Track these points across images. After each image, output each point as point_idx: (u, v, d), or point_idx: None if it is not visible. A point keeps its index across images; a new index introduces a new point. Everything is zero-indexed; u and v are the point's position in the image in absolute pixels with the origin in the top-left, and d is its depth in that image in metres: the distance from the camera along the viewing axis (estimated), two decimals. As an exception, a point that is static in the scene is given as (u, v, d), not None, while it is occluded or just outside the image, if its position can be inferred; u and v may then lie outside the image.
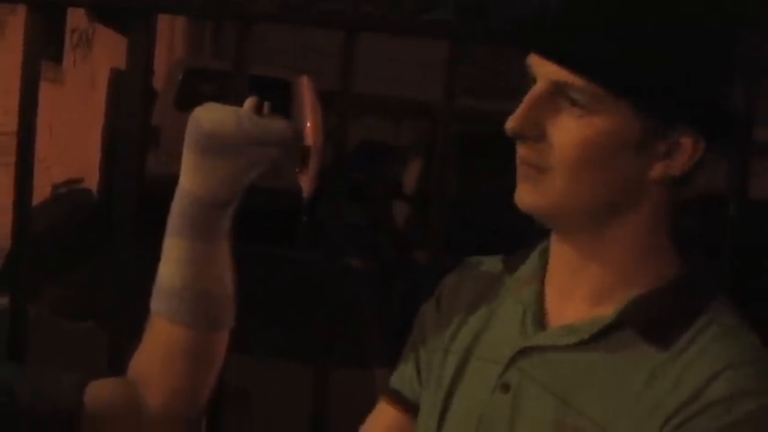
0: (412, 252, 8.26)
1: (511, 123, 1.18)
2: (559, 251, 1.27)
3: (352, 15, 2.09)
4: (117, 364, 2.06)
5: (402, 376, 1.41)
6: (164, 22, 14.95)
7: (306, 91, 12.81)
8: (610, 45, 1.13)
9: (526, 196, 1.21)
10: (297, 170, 1.39)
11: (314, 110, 13.05)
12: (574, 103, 1.16)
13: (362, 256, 11.76)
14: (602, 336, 1.20)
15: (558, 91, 1.17)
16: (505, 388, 1.24)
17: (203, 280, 1.36)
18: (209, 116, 1.34)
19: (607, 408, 1.17)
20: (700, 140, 1.18)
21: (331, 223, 2.27)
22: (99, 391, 1.39)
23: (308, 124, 12.41)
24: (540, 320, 1.26)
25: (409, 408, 1.38)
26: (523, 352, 1.25)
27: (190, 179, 1.35)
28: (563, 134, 1.17)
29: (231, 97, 1.98)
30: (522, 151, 1.20)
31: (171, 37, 17.12)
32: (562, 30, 1.16)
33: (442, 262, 2.09)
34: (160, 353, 1.38)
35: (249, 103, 1.36)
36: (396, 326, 1.44)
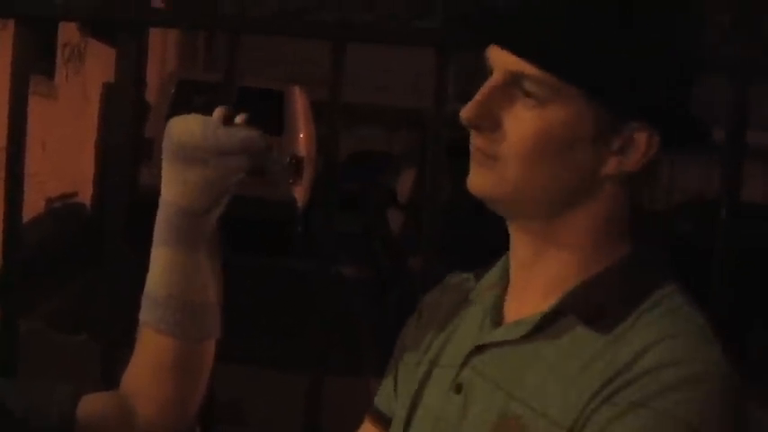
0: (406, 260, 8.26)
1: (466, 113, 1.18)
2: (514, 246, 1.25)
3: (340, 26, 2.09)
4: (110, 376, 2.06)
5: (382, 395, 1.41)
6: (156, 35, 14.96)
7: (298, 102, 12.83)
8: (565, 36, 1.14)
9: (478, 181, 1.20)
10: (290, 181, 1.39)
11: (307, 120, 13.07)
12: (528, 94, 1.16)
13: (357, 264, 11.78)
14: (545, 325, 1.19)
15: (513, 81, 1.16)
16: (458, 388, 1.24)
17: (187, 289, 1.36)
18: (179, 126, 1.35)
19: (547, 395, 1.15)
20: (654, 137, 1.17)
21: (323, 232, 2.27)
22: (92, 405, 1.39)
23: (301, 135, 12.43)
24: (497, 320, 1.25)
25: (387, 425, 1.38)
26: (476, 351, 1.24)
27: (167, 189, 1.36)
28: (517, 125, 1.16)
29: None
30: (476, 140, 1.19)
31: (163, 50, 17.14)
32: (517, 20, 1.17)
33: (435, 269, 2.09)
34: (148, 364, 1.38)
35: (218, 112, 1.36)
36: (390, 334, 1.45)
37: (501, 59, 1.17)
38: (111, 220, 2.17)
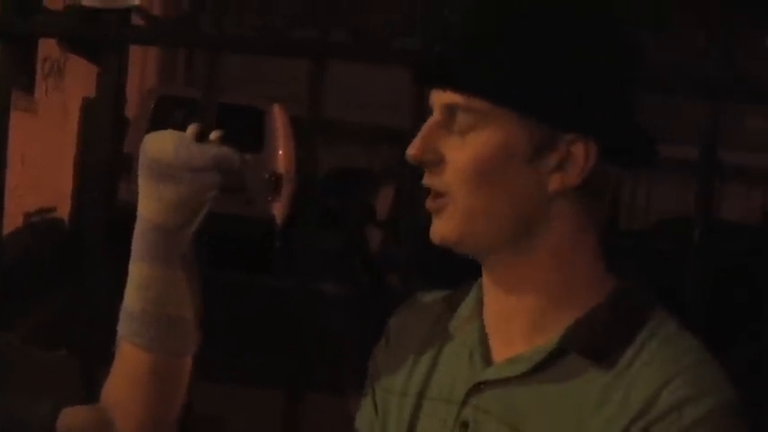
0: (386, 277, 8.26)
1: (410, 151, 1.22)
2: (488, 284, 1.27)
3: (319, 44, 2.11)
4: (90, 390, 2.06)
5: (363, 418, 1.40)
6: (136, 51, 14.94)
7: (278, 119, 12.83)
8: (486, 60, 1.18)
9: (435, 230, 1.23)
10: (269, 198, 1.40)
11: (286, 138, 13.06)
12: (463, 123, 1.20)
13: (336, 281, 11.76)
14: (546, 363, 1.21)
15: (449, 115, 1.21)
16: (464, 426, 1.25)
17: (163, 304, 1.37)
18: (154, 143, 1.36)
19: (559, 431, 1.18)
20: (591, 147, 1.19)
21: (301, 249, 2.28)
22: (72, 418, 1.40)
23: (280, 152, 12.42)
24: (486, 355, 1.26)
25: None
26: (475, 388, 1.25)
27: (143, 205, 1.37)
28: (455, 154, 1.20)
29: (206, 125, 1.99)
30: (426, 180, 1.23)
31: (143, 65, 17.11)
32: (443, 58, 1.23)
33: (413, 286, 2.10)
34: (125, 377, 1.39)
35: (191, 129, 1.37)
36: (370, 351, 1.46)
37: (437, 97, 1.22)
38: (89, 235, 2.18)
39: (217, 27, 2.13)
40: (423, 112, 2.19)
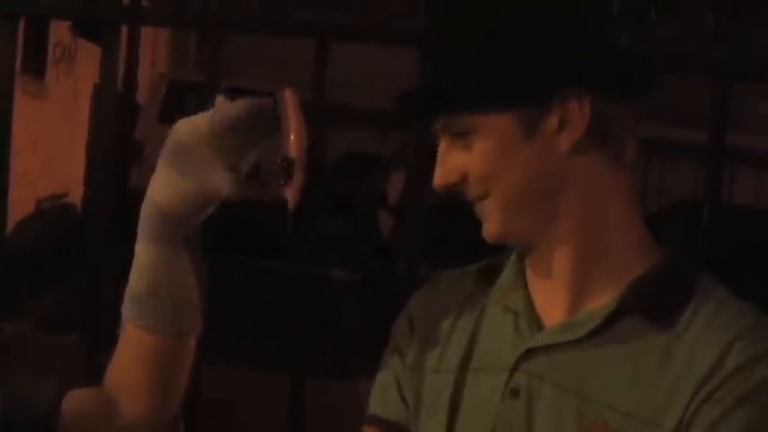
0: (397, 263, 8.27)
1: (436, 182, 1.29)
2: (531, 256, 1.29)
3: (323, 24, 2.10)
4: (96, 373, 2.06)
5: (385, 401, 1.39)
6: (147, 36, 14.95)
7: (289, 103, 12.83)
8: (455, 74, 1.24)
9: (486, 232, 1.28)
10: (281, 182, 1.40)
11: (298, 123, 13.06)
12: (461, 135, 1.25)
13: (348, 267, 11.77)
14: (604, 327, 1.22)
15: (452, 135, 1.26)
16: (515, 393, 1.25)
17: (167, 285, 1.37)
18: (185, 127, 1.35)
19: (627, 395, 1.19)
20: (582, 95, 1.20)
21: (311, 234, 2.28)
22: (76, 400, 1.41)
23: (292, 137, 12.43)
24: (536, 322, 1.27)
25: None
26: (527, 355, 1.25)
27: (156, 188, 1.36)
28: (469, 165, 1.25)
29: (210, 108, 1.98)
30: (467, 197, 1.28)
31: (154, 50, 17.12)
32: (425, 88, 1.32)
33: (418, 270, 2.10)
34: (129, 358, 1.39)
35: (219, 98, 1.36)
36: (380, 337, 1.46)
37: (438, 127, 1.28)
38: (95, 218, 2.18)
39: (221, 7, 2.12)
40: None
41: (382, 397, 1.39)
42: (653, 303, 1.21)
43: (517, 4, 1.22)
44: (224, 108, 1.33)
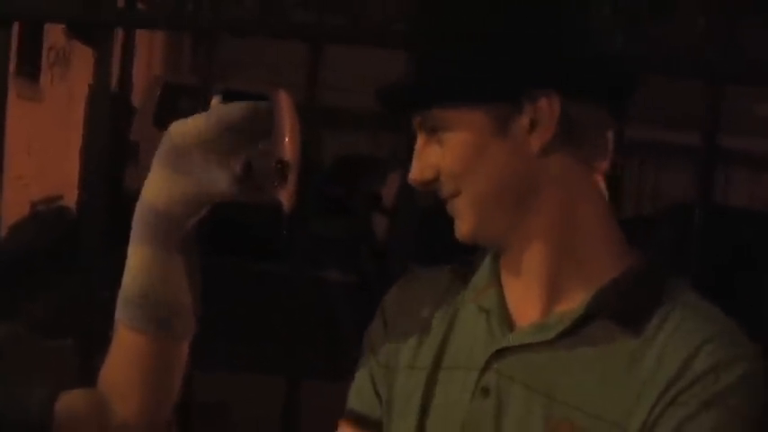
0: (392, 265, 8.26)
1: (412, 177, 1.30)
2: (504, 256, 1.30)
3: (317, 27, 2.10)
4: (89, 376, 2.06)
5: (360, 396, 1.40)
6: (142, 39, 14.96)
7: (284, 106, 12.83)
8: (428, 70, 1.26)
9: (457, 230, 1.29)
10: (276, 184, 1.40)
11: (292, 124, 13.02)
12: (434, 131, 1.27)
13: (342, 269, 11.77)
14: (574, 329, 1.23)
15: (428, 131, 1.28)
16: (485, 392, 1.25)
17: (161, 288, 1.37)
18: (181, 127, 1.35)
19: (594, 397, 1.19)
20: (551, 95, 1.21)
21: (305, 236, 2.28)
22: (69, 402, 1.41)
23: (286, 139, 12.39)
24: (507, 322, 1.28)
25: (372, 427, 1.37)
26: (498, 354, 1.26)
27: (150, 189, 1.36)
28: (443, 161, 1.26)
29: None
30: (440, 194, 1.29)
31: (150, 53, 17.12)
32: (401, 85, 1.32)
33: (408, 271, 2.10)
34: (122, 361, 1.39)
35: (215, 100, 1.37)
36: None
37: (414, 122, 1.30)
38: (89, 223, 2.18)
39: (214, 10, 2.12)
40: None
41: (358, 392, 1.40)
42: (622, 308, 1.22)
43: (490, 5, 1.23)
44: (219, 110, 1.34)
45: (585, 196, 1.25)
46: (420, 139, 1.29)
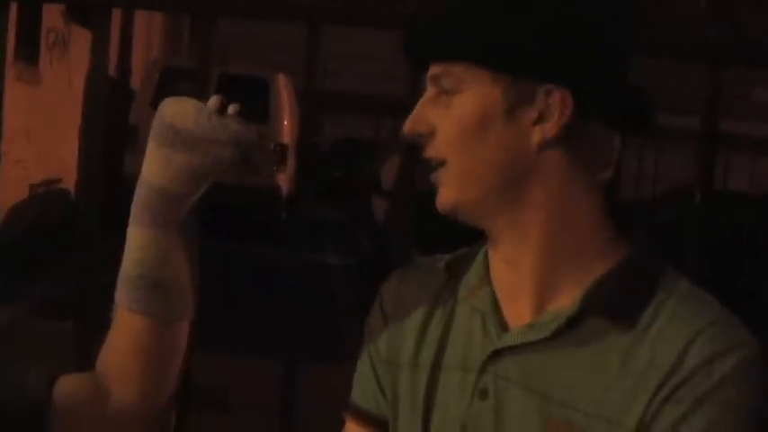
0: (391, 248, 8.26)
1: (405, 126, 1.28)
2: (493, 250, 1.29)
3: (316, 8, 2.09)
4: (88, 360, 2.06)
5: (365, 392, 1.39)
6: (141, 22, 14.93)
7: (283, 89, 12.82)
8: (456, 25, 1.24)
9: (439, 199, 1.27)
10: (274, 168, 1.40)
11: (291, 108, 13.05)
12: (446, 91, 1.25)
13: (342, 252, 11.78)
14: (567, 327, 1.22)
15: (438, 87, 1.26)
16: (483, 394, 1.25)
17: (160, 270, 1.37)
18: (173, 109, 1.35)
19: (590, 395, 1.19)
20: (567, 97, 1.21)
21: (299, 218, 2.28)
22: (68, 385, 1.40)
23: (286, 123, 12.42)
24: (501, 322, 1.27)
25: (377, 423, 1.37)
26: (494, 356, 1.25)
27: (150, 169, 1.36)
28: (442, 121, 1.25)
29: (203, 95, 1.99)
30: (425, 153, 1.28)
31: (148, 37, 17.09)
32: (422, 32, 1.30)
33: (411, 255, 2.10)
34: (121, 343, 1.39)
35: (213, 101, 1.37)
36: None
37: (428, 74, 1.28)
38: (87, 206, 2.17)
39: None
40: (417, 79, 2.19)
41: (362, 387, 1.40)
42: (614, 304, 1.21)
43: None
44: (212, 120, 1.34)
45: (579, 196, 1.24)
46: (428, 93, 1.28)
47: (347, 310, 8.60)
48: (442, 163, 1.25)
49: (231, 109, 1.36)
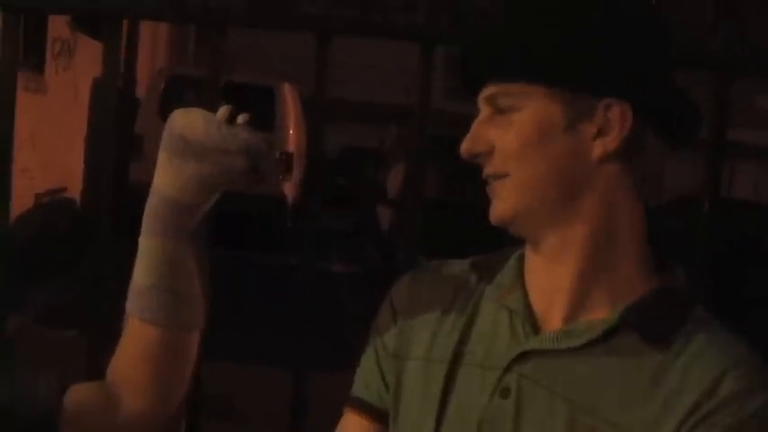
0: (396, 256, 8.26)
1: (463, 146, 1.31)
2: (533, 256, 1.31)
3: (324, 18, 2.10)
4: (96, 369, 2.07)
5: (367, 385, 1.41)
6: (146, 31, 14.93)
7: (289, 98, 12.81)
8: (513, 43, 1.27)
9: (494, 210, 1.29)
10: (280, 177, 1.41)
11: (297, 116, 13.04)
12: (503, 110, 1.28)
13: (347, 261, 11.76)
14: (602, 339, 1.25)
15: (493, 107, 1.29)
16: (505, 392, 1.27)
17: (171, 279, 1.38)
18: (183, 119, 1.36)
19: (619, 407, 1.21)
20: (626, 110, 1.24)
21: (307, 228, 2.28)
22: (78, 394, 1.41)
23: (291, 131, 12.41)
24: (533, 325, 1.29)
25: (378, 416, 1.39)
26: (521, 357, 1.27)
27: (161, 179, 1.37)
28: (501, 139, 1.28)
29: (210, 104, 1.99)
30: (485, 170, 1.30)
31: (153, 45, 17.11)
32: (478, 54, 1.32)
33: (417, 264, 2.10)
34: (132, 352, 1.40)
35: (222, 111, 1.38)
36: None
37: (481, 96, 1.30)
38: (95, 215, 2.18)
39: (221, 2, 2.12)
40: (427, 88, 2.19)
41: (365, 380, 1.41)
42: (651, 324, 1.25)
43: (607, 5, 1.25)
44: (221, 130, 1.34)
45: (627, 215, 1.28)
46: (483, 114, 1.30)
47: (352, 319, 8.59)
48: (501, 176, 1.28)
49: (240, 118, 1.37)
